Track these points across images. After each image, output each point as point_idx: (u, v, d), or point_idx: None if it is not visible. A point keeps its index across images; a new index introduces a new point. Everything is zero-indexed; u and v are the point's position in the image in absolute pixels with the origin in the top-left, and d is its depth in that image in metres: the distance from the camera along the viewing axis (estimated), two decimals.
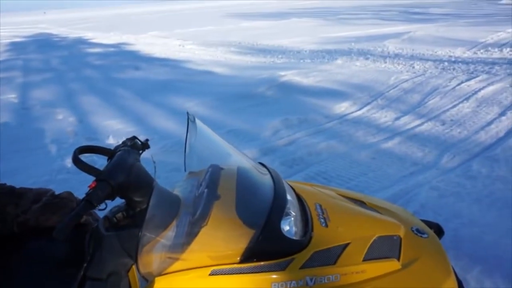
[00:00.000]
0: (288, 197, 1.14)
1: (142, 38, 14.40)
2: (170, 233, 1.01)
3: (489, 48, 8.05)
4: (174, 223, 1.03)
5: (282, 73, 6.61)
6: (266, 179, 1.19)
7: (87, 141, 4.03)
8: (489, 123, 3.95)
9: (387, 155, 3.38)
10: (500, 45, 8.32)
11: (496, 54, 7.56)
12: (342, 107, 4.88)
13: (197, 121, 1.25)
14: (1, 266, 1.16)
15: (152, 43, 12.80)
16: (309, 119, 4.43)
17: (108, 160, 1.15)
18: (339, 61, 7.88)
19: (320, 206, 1.21)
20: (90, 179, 1.01)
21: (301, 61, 8.31)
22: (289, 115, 4.48)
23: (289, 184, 1.25)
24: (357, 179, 2.94)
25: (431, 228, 1.34)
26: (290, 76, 6.42)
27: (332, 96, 5.31)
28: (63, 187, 1.50)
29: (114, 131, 4.35)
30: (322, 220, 1.14)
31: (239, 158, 1.31)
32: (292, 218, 1.10)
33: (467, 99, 4.83)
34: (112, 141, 3.99)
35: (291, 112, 4.62)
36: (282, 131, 4.07)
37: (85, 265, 1.05)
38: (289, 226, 1.06)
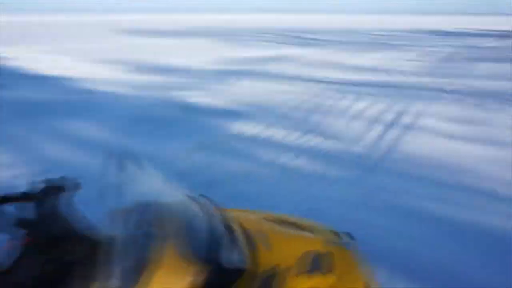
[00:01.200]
0: (222, 226, 1.21)
1: (25, 53, 12.85)
2: (116, 281, 0.94)
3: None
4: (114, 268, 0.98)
5: (184, 93, 6.64)
6: (200, 211, 1.23)
7: None
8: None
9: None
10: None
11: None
12: (248, 126, 5.09)
13: (124, 155, 1.20)
14: None
15: (37, 59, 11.52)
16: (213, 141, 4.53)
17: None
18: (242, 82, 8.23)
19: (258, 231, 1.30)
20: None
21: (202, 81, 8.41)
22: (197, 137, 4.56)
23: (224, 213, 1.30)
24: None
25: (342, 237, 1.49)
26: (193, 97, 6.49)
27: (235, 116, 5.52)
28: None
29: None
30: (264, 244, 1.23)
31: (169, 192, 1.31)
32: (232, 246, 1.15)
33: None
34: None
35: (197, 134, 4.71)
36: (193, 154, 4.08)
37: None
38: (231, 255, 1.10)
